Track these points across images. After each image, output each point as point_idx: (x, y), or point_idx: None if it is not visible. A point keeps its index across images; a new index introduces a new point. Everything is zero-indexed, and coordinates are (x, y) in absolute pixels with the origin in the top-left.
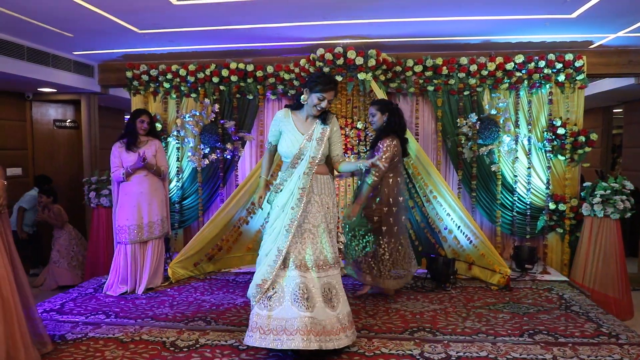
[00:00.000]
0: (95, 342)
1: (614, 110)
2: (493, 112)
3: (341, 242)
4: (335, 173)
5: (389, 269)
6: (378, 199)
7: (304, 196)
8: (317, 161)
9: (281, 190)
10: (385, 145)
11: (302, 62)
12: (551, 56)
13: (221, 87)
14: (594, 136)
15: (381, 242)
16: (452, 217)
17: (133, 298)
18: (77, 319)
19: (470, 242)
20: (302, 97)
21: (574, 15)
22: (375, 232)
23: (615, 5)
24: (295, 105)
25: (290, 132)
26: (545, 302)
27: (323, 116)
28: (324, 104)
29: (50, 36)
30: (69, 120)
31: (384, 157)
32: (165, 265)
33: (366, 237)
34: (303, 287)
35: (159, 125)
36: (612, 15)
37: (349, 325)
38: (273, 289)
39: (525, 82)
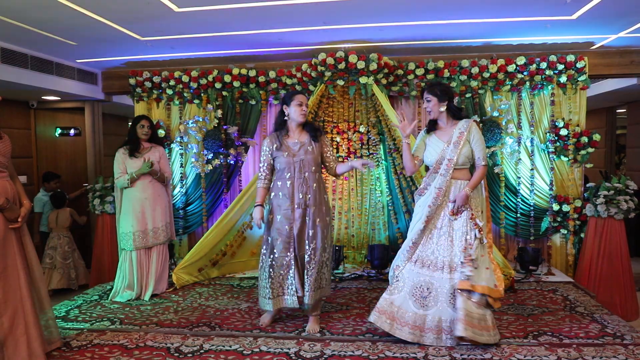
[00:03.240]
0: (100, 348)
1: (618, 111)
2: (495, 114)
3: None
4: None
5: None
6: None
7: (440, 196)
8: (452, 164)
9: (426, 193)
10: None
11: (304, 66)
12: (553, 57)
13: (224, 93)
14: (596, 137)
15: None
16: None
17: (138, 305)
18: (82, 326)
19: None
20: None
21: (575, 16)
22: None
23: (615, 6)
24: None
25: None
26: (549, 303)
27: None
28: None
29: (54, 45)
30: (72, 128)
31: None
32: (170, 271)
33: None
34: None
35: (162, 132)
36: (613, 16)
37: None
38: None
39: (527, 83)
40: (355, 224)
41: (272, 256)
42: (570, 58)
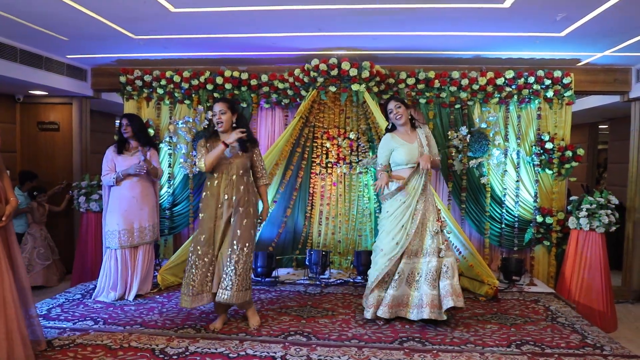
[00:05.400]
0: (83, 348)
1: (600, 127)
2: (483, 125)
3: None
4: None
5: None
6: None
7: (424, 195)
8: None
9: (406, 188)
10: None
11: (297, 71)
12: (540, 72)
13: (215, 95)
14: (580, 151)
15: None
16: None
17: (122, 304)
18: (64, 325)
19: (460, 253)
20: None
21: (563, 33)
22: None
23: (602, 26)
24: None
25: (403, 145)
26: (532, 313)
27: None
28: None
29: (45, 39)
30: (59, 124)
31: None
32: (155, 271)
33: None
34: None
35: (151, 131)
36: (600, 34)
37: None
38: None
39: (515, 97)
40: (342, 230)
41: (197, 254)
42: (557, 74)
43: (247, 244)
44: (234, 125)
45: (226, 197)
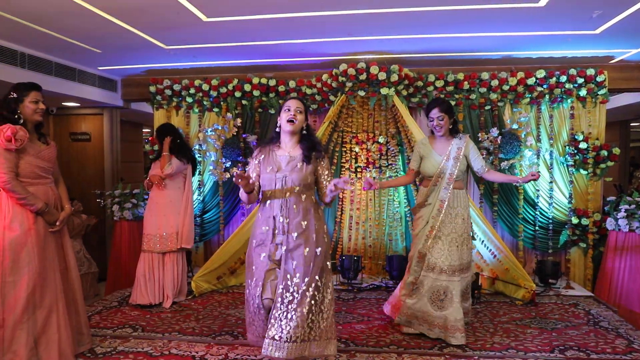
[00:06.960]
0: (125, 356)
1: (631, 124)
2: (514, 126)
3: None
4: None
5: None
6: None
7: (443, 207)
8: (453, 178)
9: (426, 205)
10: None
11: (325, 77)
12: (572, 71)
13: (243, 102)
14: (616, 150)
15: None
16: (476, 231)
17: (158, 312)
18: (104, 333)
19: (495, 256)
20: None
21: (598, 31)
22: None
23: (639, 21)
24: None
25: (430, 157)
26: (572, 317)
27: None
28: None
29: (78, 52)
30: (90, 134)
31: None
32: (188, 278)
33: None
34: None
35: None
36: (635, 31)
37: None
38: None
39: (547, 96)
40: (372, 235)
41: (248, 289)
42: (590, 72)
43: (310, 282)
44: (304, 132)
45: (281, 220)
